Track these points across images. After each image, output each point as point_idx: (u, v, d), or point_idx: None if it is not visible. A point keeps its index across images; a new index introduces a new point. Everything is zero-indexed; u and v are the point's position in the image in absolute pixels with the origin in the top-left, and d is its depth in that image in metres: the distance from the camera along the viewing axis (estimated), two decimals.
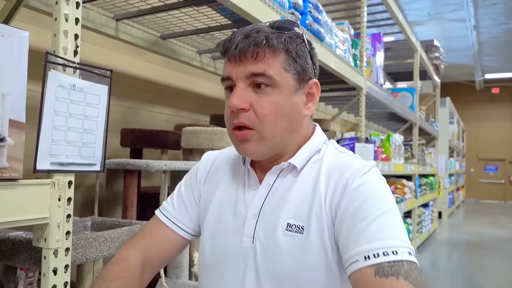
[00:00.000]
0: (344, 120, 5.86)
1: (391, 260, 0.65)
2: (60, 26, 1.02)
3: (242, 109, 0.76)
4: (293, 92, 0.79)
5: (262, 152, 0.80)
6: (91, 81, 1.08)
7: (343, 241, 0.71)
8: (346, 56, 2.93)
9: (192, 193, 0.94)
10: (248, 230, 0.81)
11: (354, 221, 0.70)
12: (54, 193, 0.99)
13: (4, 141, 0.87)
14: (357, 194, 0.73)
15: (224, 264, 0.82)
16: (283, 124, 0.78)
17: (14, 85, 0.90)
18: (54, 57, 1.01)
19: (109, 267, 0.83)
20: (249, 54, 0.75)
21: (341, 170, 0.78)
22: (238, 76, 0.77)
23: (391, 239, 0.67)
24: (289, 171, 0.82)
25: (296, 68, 0.79)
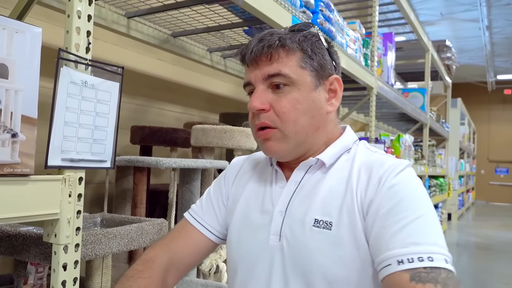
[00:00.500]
0: (354, 120, 5.83)
1: (427, 266, 0.61)
2: (73, 23, 1.03)
3: (261, 109, 0.78)
4: (312, 89, 0.79)
5: (286, 151, 0.80)
6: (103, 78, 1.08)
7: (373, 242, 0.69)
8: (357, 55, 2.91)
9: (220, 195, 0.95)
10: (274, 227, 0.80)
11: (387, 223, 0.67)
12: (65, 189, 1.00)
13: (16, 136, 0.88)
14: (391, 194, 0.70)
15: (251, 262, 0.82)
16: (305, 121, 0.78)
17: (26, 81, 0.90)
18: (67, 54, 1.01)
19: (134, 266, 0.84)
20: (264, 56, 0.77)
21: (374, 167, 0.75)
22: (256, 79, 0.79)
23: (427, 244, 0.64)
24: (318, 168, 0.81)
25: (313, 65, 0.79)
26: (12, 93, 0.87)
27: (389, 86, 3.70)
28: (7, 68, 0.87)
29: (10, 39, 0.87)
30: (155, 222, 1.43)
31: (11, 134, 0.87)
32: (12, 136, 0.87)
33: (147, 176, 1.92)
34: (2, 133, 0.86)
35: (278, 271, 0.77)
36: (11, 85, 0.87)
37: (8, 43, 0.87)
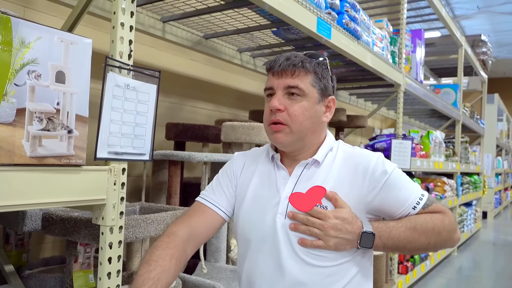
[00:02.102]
0: (384, 116, 5.82)
1: (426, 200, 1.04)
2: (117, 33, 1.18)
3: (279, 109, 1.01)
4: (316, 103, 1.05)
5: (289, 142, 1.03)
6: (142, 81, 1.23)
7: (388, 208, 1.02)
8: (384, 53, 2.96)
9: (230, 182, 1.15)
10: (281, 208, 1.03)
11: (391, 193, 1.01)
12: (111, 178, 1.15)
13: (71, 132, 1.03)
14: (381, 176, 1.01)
15: (263, 235, 1.02)
16: (308, 124, 1.03)
17: (79, 85, 1.06)
18: (112, 61, 1.16)
19: (161, 239, 1.02)
20: (289, 71, 1.02)
21: (355, 157, 1.06)
22: (278, 86, 1.03)
23: (415, 191, 1.04)
24: (312, 164, 1.07)
25: (320, 86, 1.05)
26: (68, 96, 1.03)
27: (418, 83, 3.72)
28: (64, 74, 1.02)
29: (66, 50, 1.03)
30: None
31: (67, 131, 1.03)
32: (68, 132, 1.03)
33: (180, 170, 2.07)
34: (60, 130, 1.02)
35: (287, 244, 1.00)
36: (67, 89, 1.02)
37: (65, 53, 1.02)
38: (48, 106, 0.99)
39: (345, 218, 0.96)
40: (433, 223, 1.00)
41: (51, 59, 0.99)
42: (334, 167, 1.04)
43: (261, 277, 1.02)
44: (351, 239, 0.97)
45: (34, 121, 0.96)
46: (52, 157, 1.00)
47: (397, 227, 0.99)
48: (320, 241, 0.96)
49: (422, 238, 0.99)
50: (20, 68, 0.94)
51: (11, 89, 0.92)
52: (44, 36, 0.98)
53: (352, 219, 0.97)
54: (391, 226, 0.99)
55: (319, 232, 0.96)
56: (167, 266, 0.95)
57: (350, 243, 0.97)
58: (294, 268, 0.98)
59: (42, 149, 0.98)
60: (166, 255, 0.96)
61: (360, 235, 0.96)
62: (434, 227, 0.99)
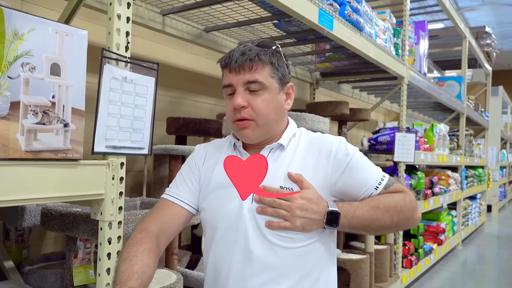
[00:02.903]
0: (388, 109, 5.78)
1: (387, 180, 1.07)
2: (114, 24, 1.15)
3: (243, 106, 1.01)
4: (277, 93, 1.05)
5: (257, 136, 1.05)
6: (140, 74, 1.21)
7: (351, 189, 1.04)
8: (387, 45, 2.92)
9: (193, 176, 1.14)
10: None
11: (354, 175, 1.03)
12: (109, 173, 1.13)
13: (67, 126, 1.01)
14: (343, 158, 1.04)
15: (230, 221, 1.02)
16: (272, 116, 1.04)
17: (75, 78, 1.03)
18: (109, 53, 1.14)
19: (132, 236, 1.01)
20: (246, 67, 1.01)
21: (318, 141, 1.08)
22: (238, 83, 1.02)
23: (376, 172, 1.07)
24: (277, 148, 1.08)
25: (278, 75, 1.05)
26: (63, 89, 1.01)
27: (422, 75, 3.67)
28: (59, 66, 1.00)
29: (61, 42, 1.00)
30: None
31: (63, 124, 1.01)
32: (64, 126, 1.01)
33: (181, 164, 2.05)
34: (56, 123, 0.99)
35: (255, 228, 1.00)
36: (63, 82, 1.00)
37: (60, 45, 1.00)
38: (43, 99, 0.97)
39: (311, 199, 0.98)
40: (395, 201, 1.03)
41: (46, 51, 0.97)
42: (298, 151, 1.06)
43: (229, 263, 1.02)
44: (317, 219, 0.98)
45: (29, 114, 0.94)
46: (48, 151, 0.98)
47: (361, 206, 1.01)
48: (287, 222, 0.97)
49: (385, 217, 1.01)
50: (14, 60, 0.91)
51: (5, 82, 0.90)
52: (38, 27, 0.96)
53: (318, 199, 0.99)
54: (355, 205, 1.01)
55: (286, 213, 0.97)
56: (147, 260, 0.95)
57: (317, 223, 0.98)
58: (262, 251, 0.99)
59: (37, 143, 0.96)
60: (144, 249, 0.96)
61: (326, 215, 0.98)
62: (396, 205, 1.02)
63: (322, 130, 2.51)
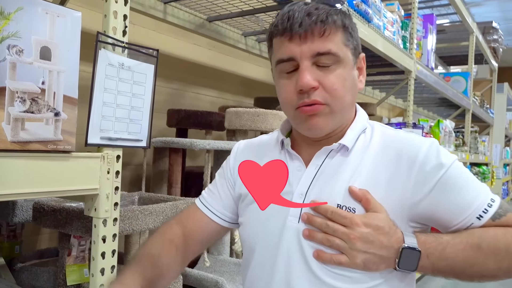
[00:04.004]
0: (392, 105, 5.69)
1: (497, 207, 0.75)
2: (110, 6, 1.07)
3: (313, 87, 0.74)
4: (352, 67, 0.79)
5: (330, 127, 0.79)
6: (139, 60, 1.13)
7: (442, 216, 0.75)
8: (395, 38, 2.83)
9: (225, 182, 0.94)
10: (294, 209, 0.78)
11: (448, 195, 0.74)
12: (104, 166, 1.05)
13: (59, 115, 0.93)
14: (434, 170, 0.75)
15: (270, 242, 0.80)
16: (349, 98, 0.79)
17: (68, 63, 0.95)
18: (105, 37, 1.05)
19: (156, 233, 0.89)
20: (316, 32, 0.73)
21: (398, 143, 0.79)
22: (303, 55, 0.74)
23: (483, 194, 0.76)
24: (338, 151, 0.80)
25: (353, 43, 0.79)
26: (54, 74, 0.93)
27: (429, 70, 3.59)
28: (50, 50, 0.92)
29: (52, 23, 0.92)
30: (189, 201, 1.48)
31: (54, 113, 0.93)
32: (55, 115, 0.93)
33: (182, 158, 1.97)
34: (46, 112, 0.92)
35: (297, 253, 0.77)
36: (53, 67, 0.92)
37: (50, 27, 0.92)
38: (31, 86, 0.89)
39: (379, 227, 0.71)
40: (507, 241, 0.72)
41: (35, 33, 0.89)
42: (368, 155, 0.78)
43: None
44: (386, 256, 0.71)
45: (16, 101, 0.86)
46: (37, 142, 0.90)
47: (454, 243, 0.72)
48: (343, 256, 0.72)
49: (490, 261, 0.71)
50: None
51: None
52: (26, 6, 0.87)
53: (390, 228, 0.71)
54: (444, 241, 0.72)
55: (342, 243, 0.72)
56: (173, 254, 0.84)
57: (385, 261, 0.72)
58: None
59: (25, 133, 0.88)
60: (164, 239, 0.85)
61: (400, 252, 0.71)
62: (508, 247, 0.72)
63: None
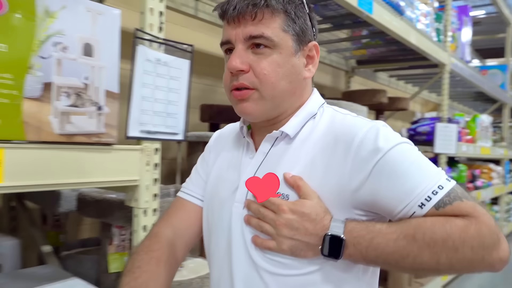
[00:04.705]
0: (425, 99, 5.56)
1: (443, 195, 0.67)
2: (147, 4, 1.11)
3: (241, 70, 0.75)
4: (293, 54, 0.77)
5: (261, 112, 0.77)
6: (174, 56, 1.16)
7: (383, 203, 0.70)
8: (428, 30, 2.78)
9: (206, 166, 0.94)
10: (239, 195, 0.79)
11: (386, 181, 0.69)
12: (143, 158, 1.09)
13: (101, 109, 0.98)
14: (370, 155, 0.70)
15: (221, 227, 0.82)
16: (284, 86, 0.76)
17: (108, 59, 1.00)
18: (142, 33, 1.09)
19: (143, 242, 0.86)
20: (248, 15, 0.74)
21: (338, 128, 0.75)
22: (237, 38, 0.75)
23: (429, 179, 0.69)
24: (283, 138, 0.80)
25: (295, 29, 0.77)
26: (97, 70, 0.97)
27: (464, 63, 3.49)
28: (92, 47, 0.96)
29: (94, 21, 0.97)
30: None
31: (97, 107, 0.97)
32: (97, 108, 0.98)
33: None
34: (89, 106, 0.96)
35: (239, 236, 0.77)
36: (96, 63, 0.97)
37: (92, 24, 0.96)
38: (75, 81, 0.94)
39: (304, 214, 0.70)
40: (445, 232, 0.65)
41: (78, 31, 0.94)
42: (310, 142, 0.76)
43: (215, 281, 0.83)
44: (311, 243, 0.70)
45: (62, 96, 0.91)
46: (81, 135, 0.95)
47: (386, 233, 0.68)
48: (272, 241, 0.72)
49: (425, 254, 0.66)
50: (45, 39, 0.88)
51: (37, 62, 0.87)
52: (69, 5, 0.92)
53: (317, 215, 0.70)
54: (375, 230, 0.68)
55: (271, 229, 0.72)
56: (154, 271, 0.79)
57: (311, 248, 0.71)
58: (247, 275, 0.76)
59: (71, 126, 0.93)
60: (150, 259, 0.80)
61: (324, 239, 0.69)
62: (446, 238, 0.65)
63: None
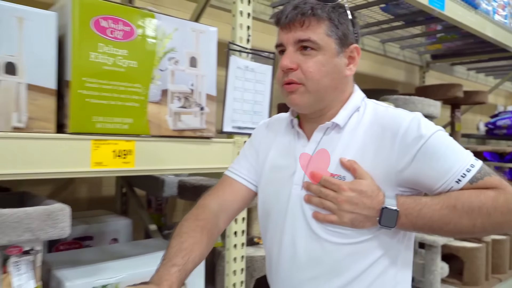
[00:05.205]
0: (509, 92, 5.29)
1: (475, 172, 0.83)
2: (237, 20, 1.32)
3: (290, 68, 0.88)
4: (335, 55, 0.89)
5: (306, 103, 0.90)
6: (259, 63, 1.36)
7: (425, 181, 0.84)
8: (507, 22, 2.72)
9: (254, 152, 1.07)
10: (297, 179, 0.92)
11: (428, 163, 0.83)
12: (235, 149, 1.31)
13: (203, 109, 1.21)
14: (414, 142, 0.83)
15: (280, 207, 0.94)
16: (326, 82, 0.89)
17: (208, 69, 1.22)
18: (233, 45, 1.31)
19: (190, 212, 0.99)
20: (297, 23, 0.88)
21: (384, 119, 0.89)
22: (288, 42, 0.89)
23: (462, 160, 0.83)
24: (333, 128, 0.92)
25: (338, 34, 0.89)
26: (200, 78, 1.20)
27: None
28: (196, 60, 1.19)
29: (197, 38, 1.19)
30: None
31: (200, 108, 1.20)
32: (200, 109, 1.21)
33: None
34: (194, 107, 1.19)
35: (300, 213, 0.91)
36: (199, 72, 1.20)
37: (196, 41, 1.19)
38: (184, 87, 1.17)
39: (362, 191, 0.84)
40: (480, 201, 0.81)
41: (186, 47, 1.17)
42: (359, 131, 0.90)
43: (278, 252, 0.95)
44: (369, 215, 0.84)
45: (175, 100, 1.15)
46: (189, 130, 1.19)
47: (431, 204, 0.83)
48: (334, 215, 0.85)
49: (464, 220, 0.81)
50: (163, 55, 1.12)
51: (157, 74, 1.11)
52: (180, 27, 1.16)
53: (372, 192, 0.84)
54: (422, 203, 0.83)
55: (332, 206, 0.85)
56: (199, 237, 0.91)
57: (369, 220, 0.84)
58: (308, 245, 0.89)
59: (181, 124, 1.17)
60: (196, 226, 0.93)
61: (381, 212, 0.83)
62: (481, 206, 0.81)
63: (432, 114, 2.46)
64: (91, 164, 1.02)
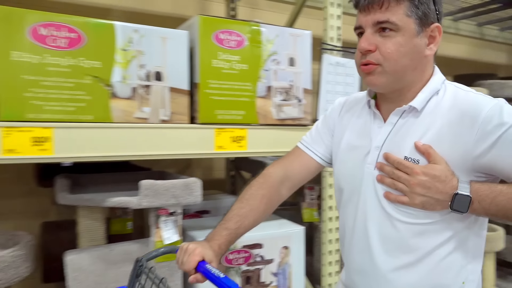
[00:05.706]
0: None
1: None
2: (328, 22, 1.52)
3: (368, 50, 0.88)
4: (415, 35, 0.87)
5: (384, 84, 0.90)
6: (348, 58, 1.55)
7: (502, 168, 0.84)
8: None
9: (327, 129, 1.09)
10: (371, 158, 0.94)
11: (507, 151, 0.82)
12: None
13: (301, 101, 1.43)
14: (494, 129, 0.82)
15: (353, 183, 0.98)
16: (405, 62, 0.87)
17: (304, 67, 1.44)
18: (326, 45, 1.51)
19: (256, 179, 1.05)
20: (376, 4, 0.86)
21: (463, 104, 0.87)
22: (367, 24, 0.88)
23: None
24: (410, 112, 0.91)
25: (418, 14, 0.86)
26: (297, 75, 1.43)
27: None
28: (294, 60, 1.42)
29: (294, 41, 1.42)
30: None
31: (298, 100, 1.43)
32: (298, 101, 1.43)
33: None
34: (293, 100, 1.42)
35: (372, 191, 0.94)
36: (296, 70, 1.42)
37: (293, 44, 1.42)
38: (285, 84, 1.41)
39: (436, 176, 0.84)
40: None
41: (285, 49, 1.40)
42: (437, 115, 0.89)
43: (349, 229, 0.99)
44: (441, 199, 0.84)
45: (277, 94, 1.39)
46: (289, 119, 1.42)
47: (507, 192, 0.81)
48: (405, 197, 0.87)
49: None
50: (267, 58, 1.37)
51: (263, 73, 1.36)
52: (280, 34, 1.39)
53: (446, 177, 0.84)
54: (497, 190, 0.82)
55: (404, 187, 0.86)
56: (257, 205, 0.99)
57: (440, 203, 0.85)
58: (380, 222, 0.92)
59: (283, 114, 1.41)
60: (257, 194, 1.00)
61: (453, 197, 0.83)
62: None
63: None
64: (214, 147, 1.31)
